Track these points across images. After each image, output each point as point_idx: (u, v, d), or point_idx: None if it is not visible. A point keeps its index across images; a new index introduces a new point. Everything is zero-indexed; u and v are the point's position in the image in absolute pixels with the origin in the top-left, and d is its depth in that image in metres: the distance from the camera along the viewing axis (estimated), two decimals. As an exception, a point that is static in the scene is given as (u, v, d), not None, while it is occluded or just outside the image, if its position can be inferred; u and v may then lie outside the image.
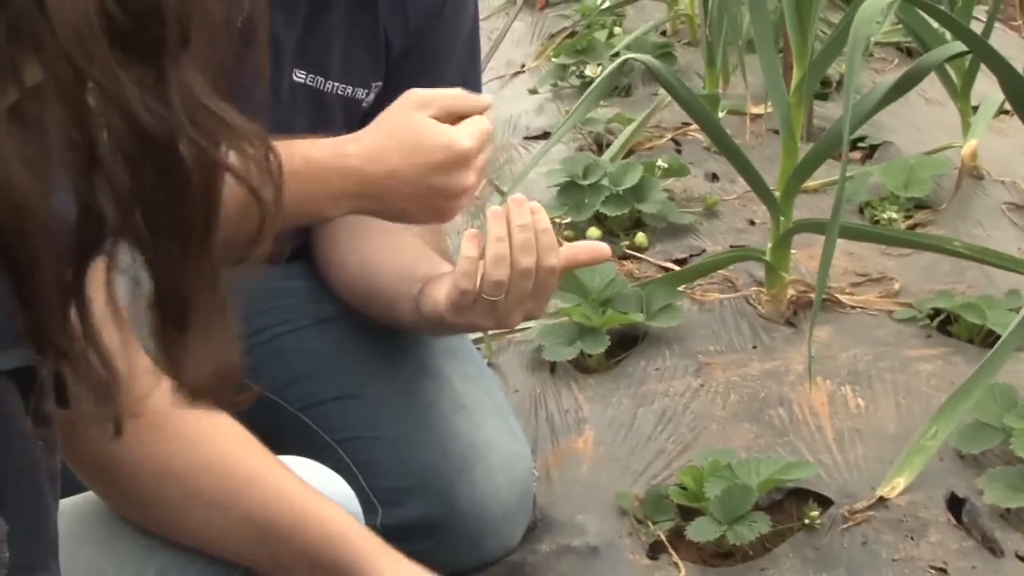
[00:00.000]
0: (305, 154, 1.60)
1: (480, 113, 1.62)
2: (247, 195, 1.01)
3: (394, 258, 1.75)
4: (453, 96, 1.64)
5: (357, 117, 1.83)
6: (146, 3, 0.90)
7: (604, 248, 1.67)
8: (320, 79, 1.80)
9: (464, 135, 1.58)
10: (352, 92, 1.82)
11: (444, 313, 1.59)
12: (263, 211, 1.01)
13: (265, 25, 1.03)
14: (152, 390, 1.21)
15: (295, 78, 1.78)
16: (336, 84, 1.81)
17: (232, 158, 0.98)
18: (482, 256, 1.56)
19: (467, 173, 1.59)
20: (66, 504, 1.17)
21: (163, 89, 0.91)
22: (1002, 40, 3.28)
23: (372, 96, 1.84)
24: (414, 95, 1.63)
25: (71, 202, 0.94)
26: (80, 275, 0.97)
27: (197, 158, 0.95)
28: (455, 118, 1.61)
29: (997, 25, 3.07)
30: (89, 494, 1.37)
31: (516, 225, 1.55)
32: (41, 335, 0.96)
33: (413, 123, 1.61)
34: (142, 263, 0.99)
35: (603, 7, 4.25)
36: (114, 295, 0.99)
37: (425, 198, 1.62)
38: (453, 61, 1.88)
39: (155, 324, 1.01)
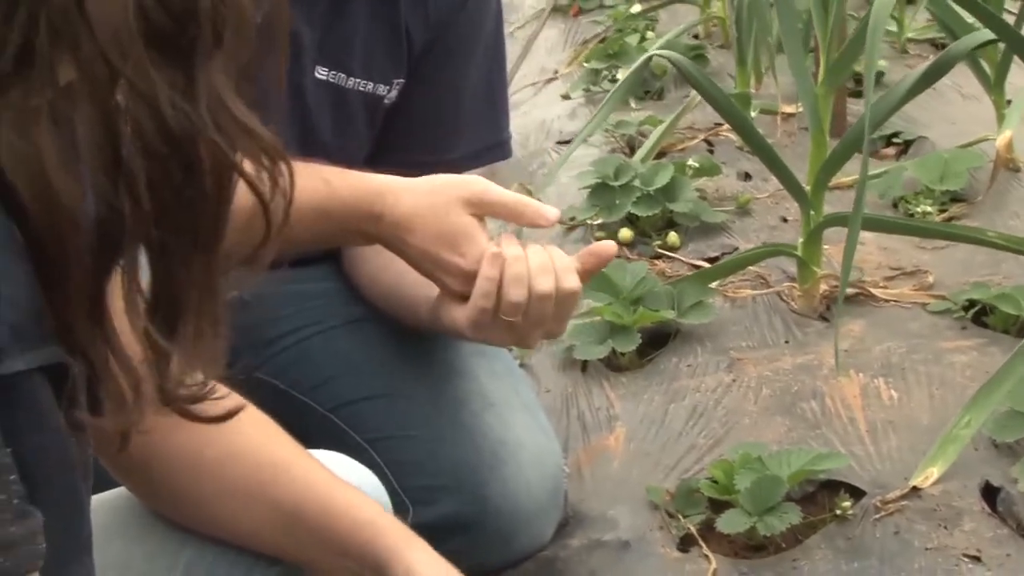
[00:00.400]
0: (342, 198, 1.62)
1: (542, 225, 1.65)
2: (255, 205, 1.03)
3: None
4: (511, 205, 1.65)
5: (379, 114, 1.84)
6: (183, 4, 0.92)
7: (609, 248, 1.65)
8: (342, 76, 1.80)
9: (487, 266, 1.57)
10: (374, 88, 1.82)
11: (463, 330, 1.60)
12: (269, 221, 1.03)
13: (286, 27, 1.04)
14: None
15: (317, 75, 1.78)
16: (358, 81, 1.81)
17: (247, 166, 0.99)
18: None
19: (468, 284, 1.59)
20: (96, 500, 1.16)
21: (191, 90, 0.93)
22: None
23: (394, 92, 1.84)
24: (475, 187, 1.64)
25: (92, 203, 0.94)
26: (103, 277, 0.98)
27: (214, 160, 0.97)
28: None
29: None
30: (120, 489, 1.38)
31: (532, 248, 1.55)
32: (69, 336, 0.97)
33: (454, 219, 1.62)
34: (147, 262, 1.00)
35: (635, 12, 4.25)
36: (135, 302, 1.01)
37: (428, 271, 1.63)
38: (476, 57, 1.88)
39: (146, 325, 1.01)
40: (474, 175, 1.70)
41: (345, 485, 1.38)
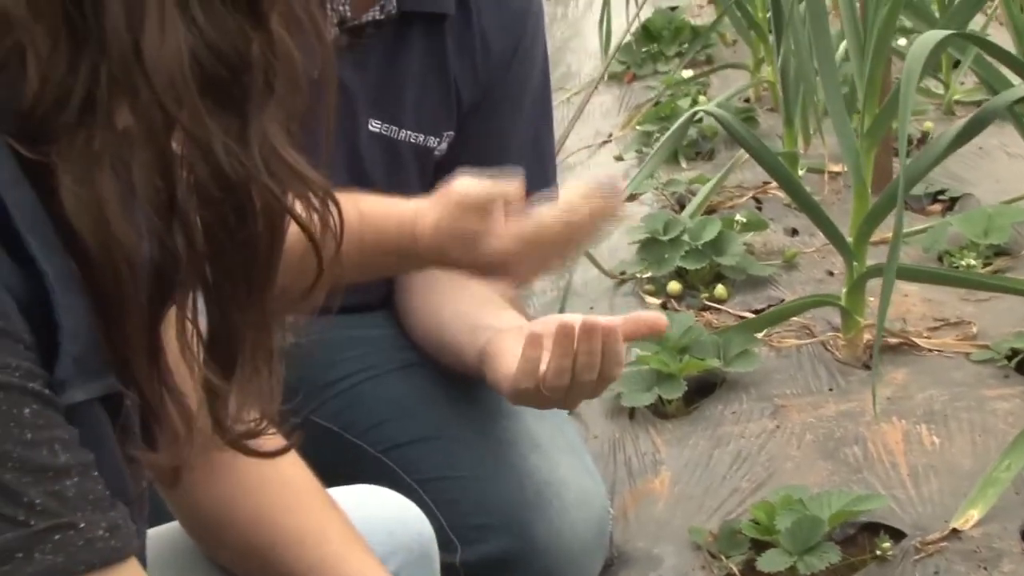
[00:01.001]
0: (377, 228, 1.63)
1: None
2: (307, 245, 1.05)
3: (461, 309, 1.76)
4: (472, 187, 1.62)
5: (430, 165, 1.85)
6: (236, 54, 0.95)
7: (660, 321, 1.60)
8: (394, 128, 1.82)
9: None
10: (424, 141, 1.84)
11: (505, 396, 1.61)
12: (321, 261, 1.05)
13: (334, 78, 1.07)
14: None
15: (371, 128, 1.80)
16: (409, 133, 1.83)
17: (298, 207, 1.02)
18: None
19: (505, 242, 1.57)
20: (152, 532, 1.18)
21: (244, 136, 0.96)
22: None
23: (444, 145, 1.85)
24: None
25: (148, 244, 0.97)
26: (157, 315, 1.01)
27: (266, 204, 0.99)
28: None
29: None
30: (174, 523, 1.38)
31: (582, 347, 1.53)
32: (125, 370, 0.99)
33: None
34: (203, 304, 1.03)
35: (687, 77, 4.25)
36: (189, 343, 1.04)
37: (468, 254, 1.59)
38: (523, 111, 1.89)
39: (201, 363, 1.04)
40: None
41: (360, 559, 1.35)
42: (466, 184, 1.58)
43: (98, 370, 0.97)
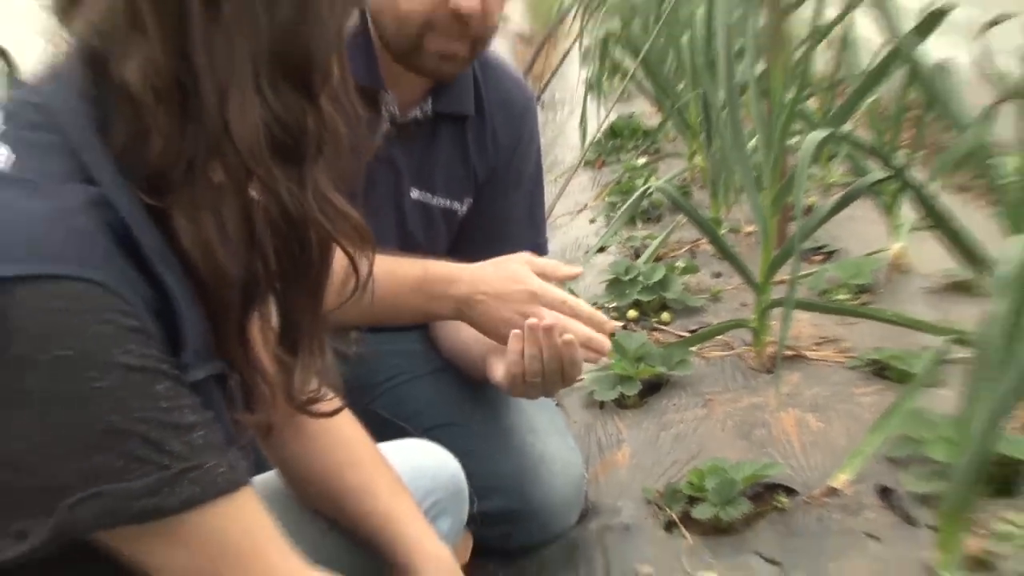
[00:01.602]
0: (435, 275, 1.64)
1: (568, 278, 1.64)
2: (349, 267, 1.10)
3: (471, 335, 1.72)
4: (548, 267, 1.63)
5: (455, 224, 1.85)
6: (296, 125, 0.97)
7: (604, 344, 1.58)
8: (429, 195, 1.81)
9: (539, 283, 1.57)
10: (451, 204, 1.83)
11: (502, 388, 1.59)
12: (359, 277, 1.09)
13: (370, 149, 1.06)
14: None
15: (412, 195, 1.80)
16: (440, 199, 1.82)
17: (344, 240, 1.06)
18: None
19: (537, 308, 1.56)
20: (258, 479, 1.19)
21: (303, 184, 0.99)
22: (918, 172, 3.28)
23: (465, 208, 1.85)
24: (524, 255, 1.64)
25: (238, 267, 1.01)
26: (246, 316, 1.04)
27: (320, 235, 1.02)
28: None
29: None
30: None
31: (545, 342, 1.51)
32: (226, 356, 1.02)
33: (514, 265, 1.62)
34: (274, 308, 1.07)
35: (641, 164, 4.30)
36: (267, 333, 1.10)
37: (505, 311, 1.59)
38: (522, 186, 1.89)
39: (275, 348, 1.07)
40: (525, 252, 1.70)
41: (403, 510, 1.33)
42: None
43: (209, 357, 0.99)
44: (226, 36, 0.93)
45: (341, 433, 1.32)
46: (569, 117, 5.66)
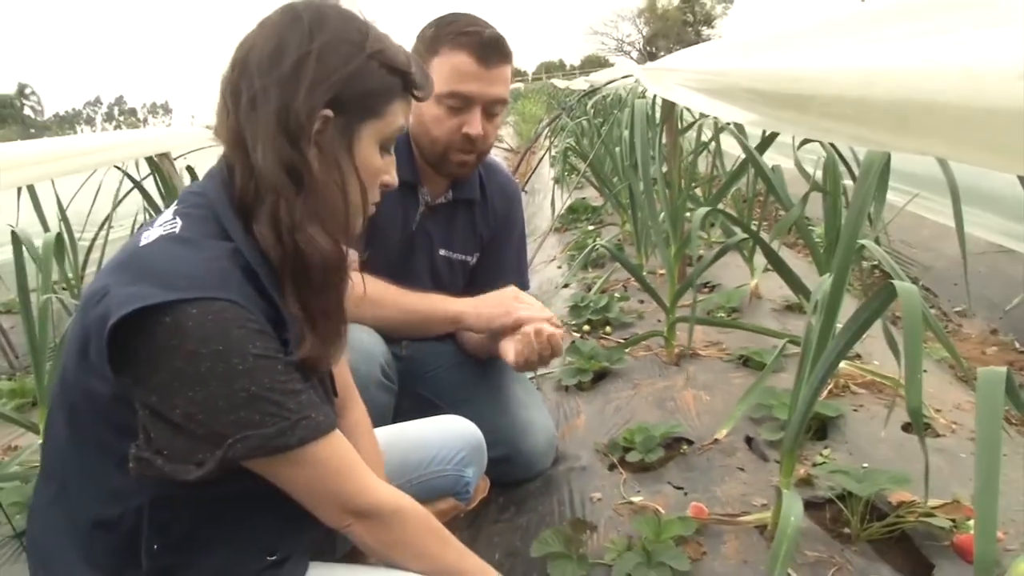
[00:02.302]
0: (441, 306, 1.65)
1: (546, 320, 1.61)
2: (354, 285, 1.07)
3: (481, 339, 1.74)
4: (532, 304, 1.65)
5: (468, 271, 1.84)
6: (295, 168, 0.96)
7: (557, 333, 1.59)
8: (451, 253, 1.80)
9: (525, 311, 1.60)
10: (465, 258, 1.82)
11: (513, 366, 1.59)
12: (342, 289, 1.03)
13: (350, 263, 1.04)
14: (352, 406, 1.23)
15: (440, 253, 1.79)
16: (459, 255, 1.81)
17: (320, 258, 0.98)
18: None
19: (514, 308, 1.60)
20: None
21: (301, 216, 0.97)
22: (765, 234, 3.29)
23: (474, 259, 1.84)
24: (514, 289, 1.67)
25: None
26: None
27: (305, 253, 0.98)
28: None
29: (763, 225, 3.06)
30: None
31: (539, 340, 1.55)
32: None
33: (506, 295, 1.65)
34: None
35: (591, 229, 4.28)
36: None
37: (494, 312, 1.62)
38: (511, 245, 1.87)
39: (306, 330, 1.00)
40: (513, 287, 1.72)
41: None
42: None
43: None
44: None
45: (357, 420, 1.24)
46: (543, 200, 5.64)
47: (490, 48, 1.58)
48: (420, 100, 1.05)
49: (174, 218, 0.97)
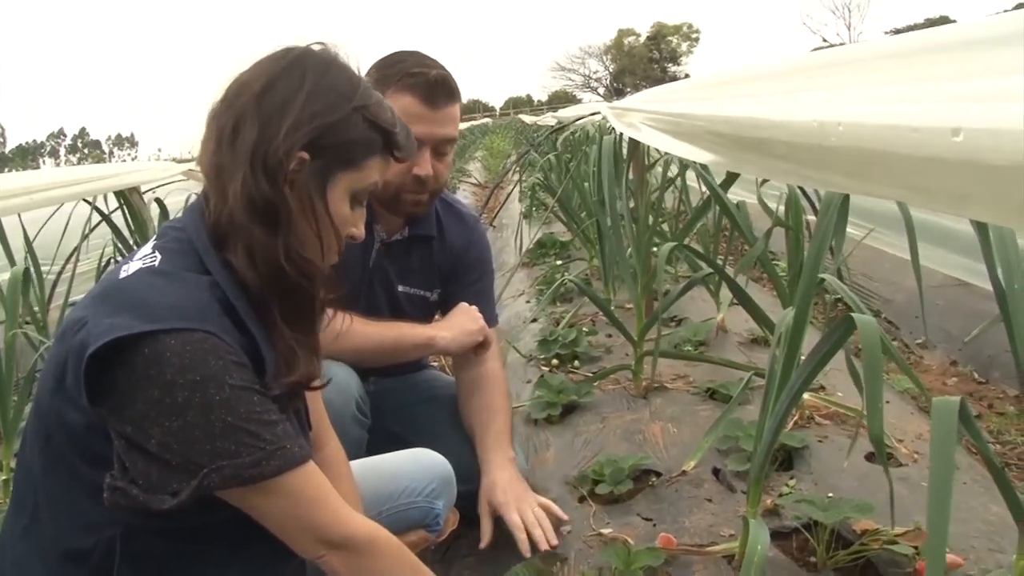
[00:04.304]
0: (410, 331, 1.67)
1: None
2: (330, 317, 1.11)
3: (479, 410, 1.76)
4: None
5: (427, 308, 1.85)
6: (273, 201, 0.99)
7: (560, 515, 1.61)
8: (409, 288, 1.81)
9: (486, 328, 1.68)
10: (424, 293, 1.83)
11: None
12: (331, 310, 1.07)
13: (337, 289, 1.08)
14: (327, 440, 1.24)
15: (399, 289, 1.80)
16: (418, 290, 1.82)
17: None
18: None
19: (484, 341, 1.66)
20: None
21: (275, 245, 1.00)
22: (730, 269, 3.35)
23: (435, 296, 1.84)
24: (476, 310, 1.71)
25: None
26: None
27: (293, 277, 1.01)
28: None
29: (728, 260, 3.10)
30: None
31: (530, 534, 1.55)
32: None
33: (471, 312, 1.69)
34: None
35: (559, 264, 4.30)
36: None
37: (462, 342, 1.65)
38: (473, 277, 1.86)
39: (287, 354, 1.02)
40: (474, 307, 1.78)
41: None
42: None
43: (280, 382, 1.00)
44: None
45: (333, 455, 1.25)
46: (512, 235, 5.68)
47: (437, 89, 1.59)
48: (400, 161, 1.08)
49: (153, 252, 0.99)
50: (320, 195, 1.00)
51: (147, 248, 1.02)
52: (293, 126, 0.97)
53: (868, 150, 0.67)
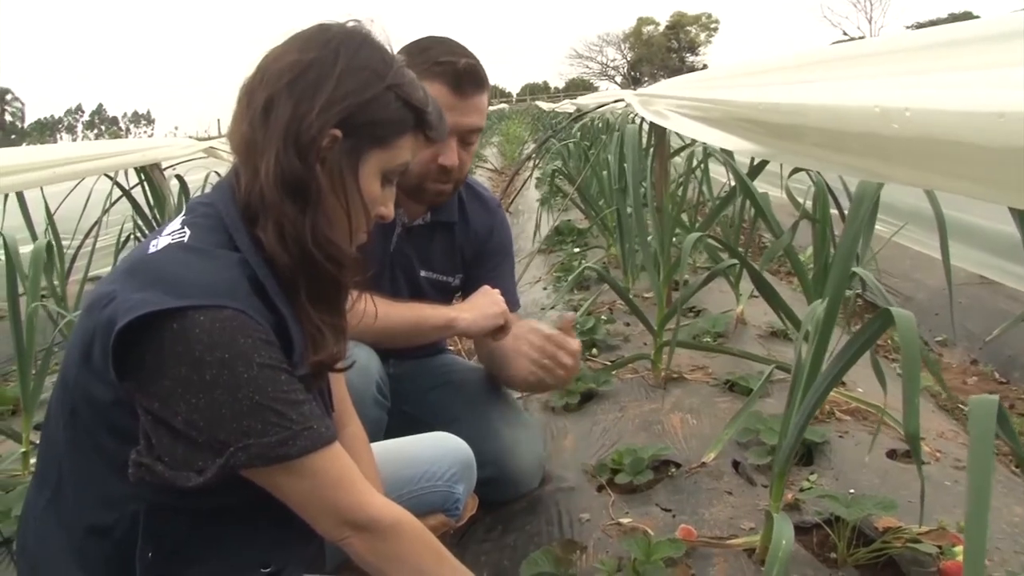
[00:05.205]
0: (431, 312, 1.66)
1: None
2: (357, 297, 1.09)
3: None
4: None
5: (449, 293, 1.84)
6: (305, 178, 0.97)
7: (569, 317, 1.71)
8: (431, 273, 1.80)
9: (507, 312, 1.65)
10: (446, 279, 1.82)
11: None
12: (345, 290, 1.05)
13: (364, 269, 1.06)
14: (348, 422, 1.23)
15: (422, 274, 1.79)
16: (439, 275, 1.81)
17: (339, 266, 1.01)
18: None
19: (504, 324, 1.64)
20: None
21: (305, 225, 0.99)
22: (752, 260, 3.32)
23: (457, 281, 1.83)
24: (497, 292, 1.69)
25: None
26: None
27: (322, 258, 1.00)
28: None
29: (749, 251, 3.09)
30: None
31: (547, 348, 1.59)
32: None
33: (492, 295, 1.67)
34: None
35: (576, 252, 4.29)
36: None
37: (482, 324, 1.64)
38: (495, 263, 1.85)
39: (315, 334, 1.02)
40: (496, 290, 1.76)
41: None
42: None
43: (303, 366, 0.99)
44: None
45: (355, 435, 1.25)
46: (527, 221, 5.68)
47: (465, 78, 1.58)
48: (432, 140, 1.06)
49: (182, 227, 0.98)
50: (352, 173, 0.99)
51: (176, 223, 1.01)
52: (327, 104, 0.96)
53: (940, 139, 0.63)
